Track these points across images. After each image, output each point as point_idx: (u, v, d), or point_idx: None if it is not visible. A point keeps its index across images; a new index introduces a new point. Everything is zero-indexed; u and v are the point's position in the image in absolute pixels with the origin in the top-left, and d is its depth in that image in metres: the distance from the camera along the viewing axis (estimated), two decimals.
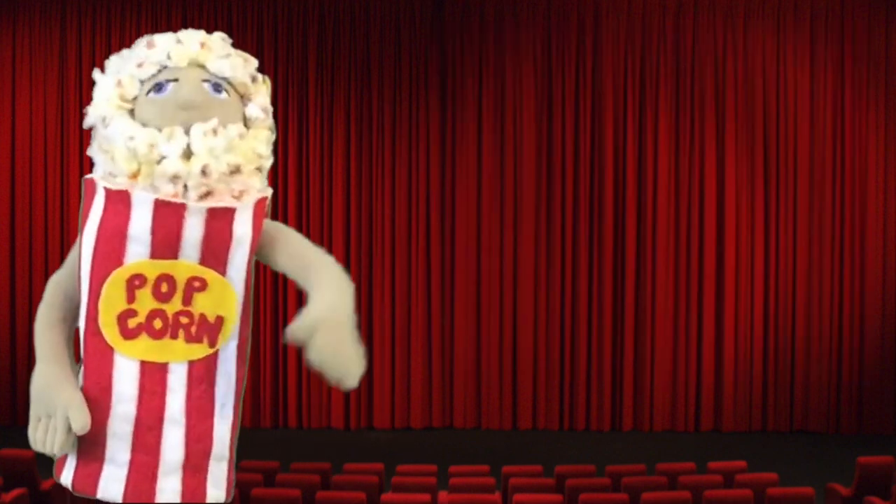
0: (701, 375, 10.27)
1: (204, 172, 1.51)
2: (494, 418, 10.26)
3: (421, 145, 10.31)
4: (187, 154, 1.51)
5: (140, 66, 1.56)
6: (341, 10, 10.28)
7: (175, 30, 1.63)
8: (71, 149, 10.11)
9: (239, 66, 1.60)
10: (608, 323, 10.29)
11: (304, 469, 6.85)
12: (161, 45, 1.57)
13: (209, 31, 1.63)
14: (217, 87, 1.57)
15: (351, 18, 10.27)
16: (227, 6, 10.16)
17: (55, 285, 1.60)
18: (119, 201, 1.51)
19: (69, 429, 1.49)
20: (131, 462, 1.51)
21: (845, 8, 10.12)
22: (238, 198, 1.55)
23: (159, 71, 1.56)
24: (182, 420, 1.52)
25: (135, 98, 1.55)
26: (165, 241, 1.51)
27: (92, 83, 1.60)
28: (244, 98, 1.61)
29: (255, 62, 1.64)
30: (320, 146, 10.28)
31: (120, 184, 1.52)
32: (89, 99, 1.60)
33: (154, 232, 1.50)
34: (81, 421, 1.48)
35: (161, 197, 1.50)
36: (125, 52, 1.61)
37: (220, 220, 1.53)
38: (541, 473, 7.10)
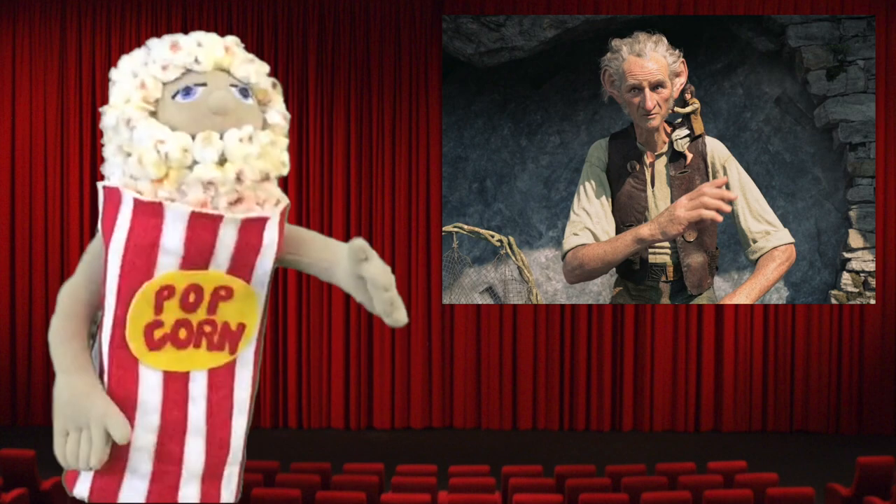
0: (701, 375, 10.27)
1: (238, 179, 1.49)
2: (494, 418, 10.26)
3: (421, 145, 10.31)
4: (221, 160, 1.48)
5: (164, 68, 1.52)
6: (341, 10, 10.28)
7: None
8: (71, 149, 10.09)
9: (262, 72, 1.59)
10: (608, 323, 10.29)
11: (304, 469, 6.84)
12: (186, 48, 1.53)
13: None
14: (244, 93, 1.55)
15: (351, 18, 10.27)
16: (227, 6, 10.16)
17: (70, 295, 1.54)
18: (150, 214, 1.46)
19: (107, 440, 1.45)
20: (153, 472, 1.50)
21: (845, 8, 10.12)
22: (261, 205, 1.54)
23: (183, 74, 1.52)
24: (203, 429, 1.51)
25: (156, 100, 1.51)
26: (198, 253, 1.48)
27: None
28: (262, 104, 1.61)
29: (268, 67, 1.62)
30: (320, 146, 10.28)
31: (146, 190, 1.47)
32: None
33: (187, 244, 1.46)
34: (123, 431, 1.45)
35: (197, 209, 1.46)
36: (139, 52, 1.56)
37: (252, 230, 1.51)
38: (541, 473, 7.09)
